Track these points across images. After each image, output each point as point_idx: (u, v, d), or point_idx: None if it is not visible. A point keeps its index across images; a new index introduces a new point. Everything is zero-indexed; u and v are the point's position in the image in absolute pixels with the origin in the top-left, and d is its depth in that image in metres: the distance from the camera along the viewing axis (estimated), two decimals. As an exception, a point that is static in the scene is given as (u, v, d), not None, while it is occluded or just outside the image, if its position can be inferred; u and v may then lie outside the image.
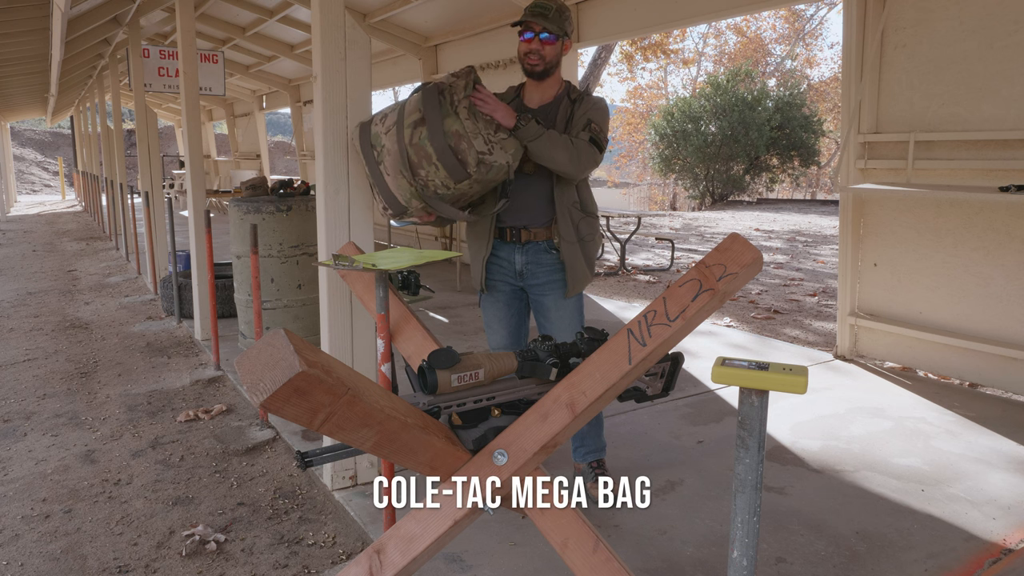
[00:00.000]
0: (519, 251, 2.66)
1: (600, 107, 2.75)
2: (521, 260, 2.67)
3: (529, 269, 2.67)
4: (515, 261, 2.68)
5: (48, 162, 32.54)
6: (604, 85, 48.54)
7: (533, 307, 2.78)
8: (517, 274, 2.69)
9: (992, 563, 2.39)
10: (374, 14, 8.16)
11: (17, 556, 2.60)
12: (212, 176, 18.86)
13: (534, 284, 2.69)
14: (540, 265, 2.66)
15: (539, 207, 2.63)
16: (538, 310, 2.75)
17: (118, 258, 10.08)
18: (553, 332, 2.69)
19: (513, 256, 2.67)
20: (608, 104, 2.77)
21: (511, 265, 2.69)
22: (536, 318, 2.79)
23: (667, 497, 2.85)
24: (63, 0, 4.66)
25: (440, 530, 1.47)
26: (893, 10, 4.20)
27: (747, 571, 1.15)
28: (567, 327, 2.67)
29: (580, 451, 2.94)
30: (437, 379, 1.43)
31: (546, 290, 2.68)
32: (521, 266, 2.67)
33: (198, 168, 5.25)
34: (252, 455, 3.46)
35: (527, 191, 2.61)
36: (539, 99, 2.78)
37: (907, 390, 4.09)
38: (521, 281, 2.71)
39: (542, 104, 2.76)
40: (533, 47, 2.73)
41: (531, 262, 2.66)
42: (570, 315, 2.70)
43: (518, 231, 2.65)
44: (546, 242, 2.64)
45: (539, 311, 2.75)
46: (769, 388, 1.09)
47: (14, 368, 4.88)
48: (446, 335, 5.36)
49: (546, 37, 2.70)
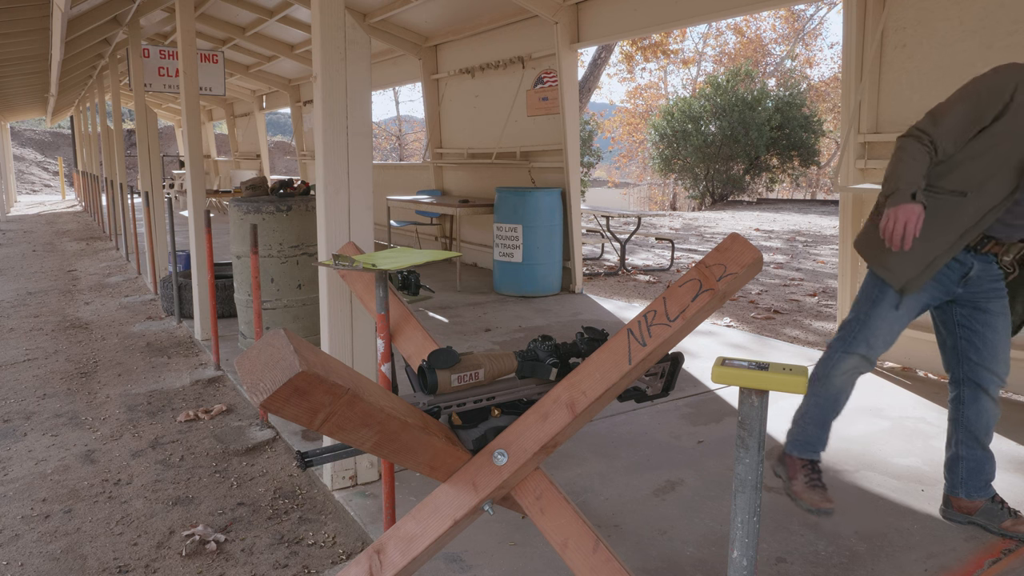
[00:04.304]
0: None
1: None
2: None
3: (979, 275, 2.47)
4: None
5: (48, 162, 32.54)
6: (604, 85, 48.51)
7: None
8: (962, 280, 2.48)
9: (992, 563, 2.39)
10: (374, 14, 8.17)
11: (17, 556, 2.60)
12: (212, 176, 18.87)
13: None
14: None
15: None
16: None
17: (118, 258, 10.08)
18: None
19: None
20: None
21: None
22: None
23: (667, 497, 2.85)
24: (63, 0, 4.66)
25: (440, 530, 1.48)
26: (893, 10, 4.20)
27: (747, 571, 1.15)
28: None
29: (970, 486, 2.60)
30: (437, 379, 1.43)
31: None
32: (975, 273, 2.47)
33: (198, 168, 5.26)
34: (252, 455, 3.46)
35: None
36: None
37: (907, 390, 4.08)
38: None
39: None
40: None
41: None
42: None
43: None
44: None
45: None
46: (769, 388, 1.09)
47: (14, 368, 4.88)
48: (446, 335, 5.36)
49: None
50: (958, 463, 2.60)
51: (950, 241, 2.33)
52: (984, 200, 2.27)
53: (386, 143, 34.43)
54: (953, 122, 2.27)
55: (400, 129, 35.68)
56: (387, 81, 10.73)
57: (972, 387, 2.53)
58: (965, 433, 2.57)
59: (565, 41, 6.70)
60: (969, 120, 2.26)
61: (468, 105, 8.64)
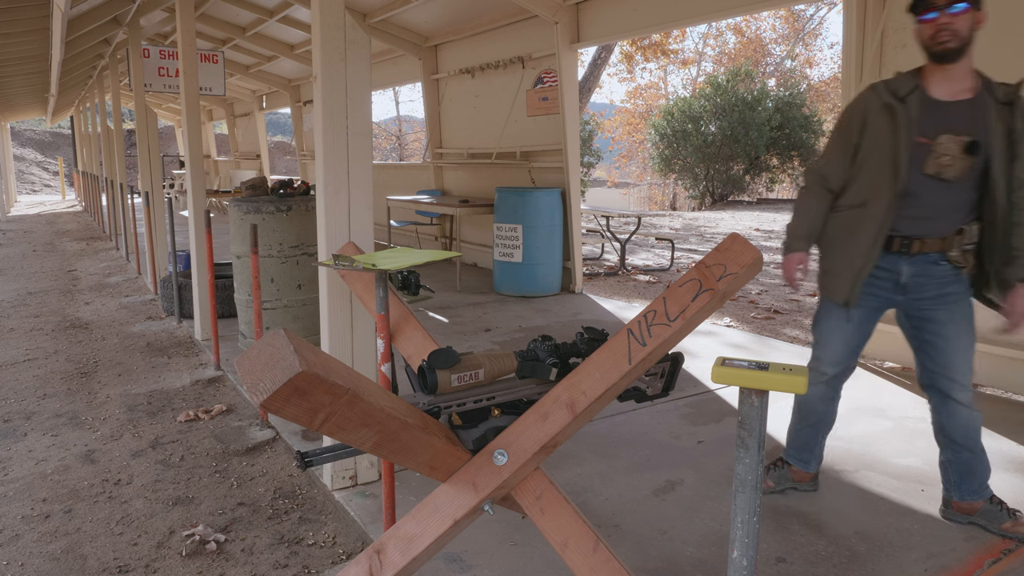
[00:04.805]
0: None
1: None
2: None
3: (916, 282, 2.53)
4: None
5: (48, 162, 32.54)
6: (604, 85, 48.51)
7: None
8: (900, 287, 2.55)
9: (992, 563, 2.39)
10: (374, 14, 8.17)
11: (17, 556, 2.60)
12: (212, 176, 18.86)
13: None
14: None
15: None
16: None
17: (118, 258, 10.08)
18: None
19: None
20: None
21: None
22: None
23: (667, 497, 2.85)
24: (63, 0, 4.66)
25: (440, 530, 1.48)
26: (893, 10, 4.20)
27: (747, 571, 1.15)
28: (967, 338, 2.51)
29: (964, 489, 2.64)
30: (437, 379, 1.43)
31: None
32: (907, 279, 2.53)
33: (198, 168, 5.26)
34: (252, 455, 3.46)
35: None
36: (950, 91, 2.40)
37: (907, 390, 4.08)
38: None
39: (955, 99, 2.39)
40: (942, 22, 2.31)
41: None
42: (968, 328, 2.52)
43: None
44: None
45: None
46: (769, 388, 1.09)
47: (14, 368, 4.88)
48: (446, 335, 5.36)
49: (956, 9, 2.30)
50: (947, 467, 2.64)
51: (864, 250, 2.48)
52: (878, 204, 2.45)
53: (386, 143, 34.43)
54: (833, 153, 2.57)
55: (400, 129, 35.68)
56: (387, 81, 10.74)
57: (936, 393, 2.58)
58: (944, 438, 2.61)
59: (565, 41, 6.70)
60: (844, 146, 2.53)
61: (468, 105, 8.64)
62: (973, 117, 2.37)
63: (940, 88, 2.40)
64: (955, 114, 2.38)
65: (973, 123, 2.36)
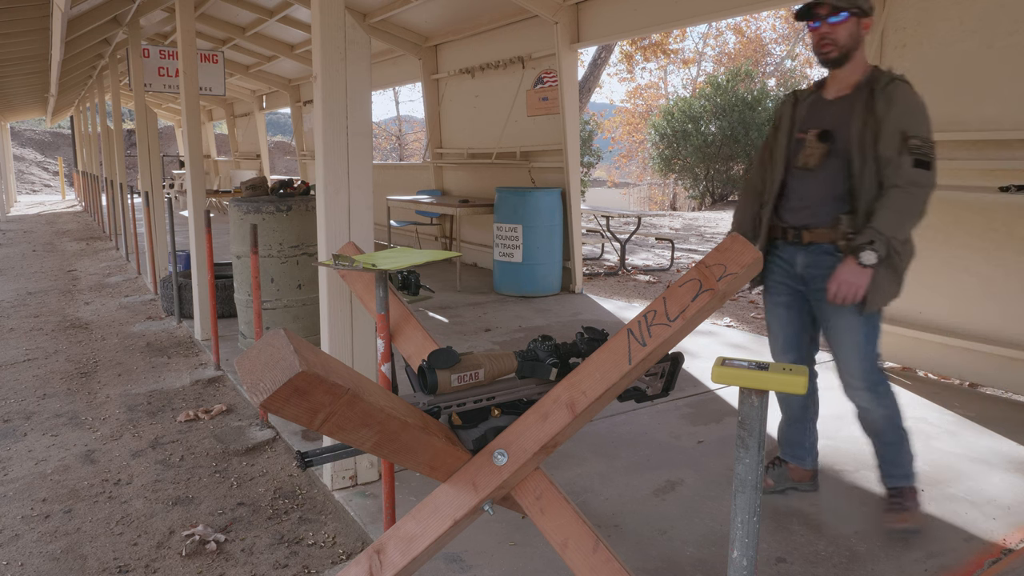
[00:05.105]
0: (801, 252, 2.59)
1: (913, 109, 2.41)
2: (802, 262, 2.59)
3: (810, 272, 2.57)
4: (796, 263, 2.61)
5: (48, 162, 32.54)
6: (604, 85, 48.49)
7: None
8: (798, 277, 2.62)
9: (992, 563, 2.39)
10: (374, 14, 8.17)
11: (17, 556, 2.60)
12: (212, 176, 18.86)
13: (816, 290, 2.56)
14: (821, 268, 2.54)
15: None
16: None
17: (118, 258, 10.08)
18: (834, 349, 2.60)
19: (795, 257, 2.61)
20: (914, 90, 2.43)
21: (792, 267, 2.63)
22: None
23: (667, 497, 2.85)
24: (63, 0, 4.66)
25: (440, 530, 1.48)
26: (893, 10, 4.20)
27: (747, 571, 1.15)
28: (859, 353, 2.53)
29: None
30: (437, 379, 1.43)
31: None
32: (802, 269, 2.59)
33: (198, 168, 5.26)
34: (252, 455, 3.46)
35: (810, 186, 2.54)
36: (835, 90, 2.54)
37: (907, 390, 4.08)
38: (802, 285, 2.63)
39: (838, 96, 2.53)
40: (823, 32, 2.44)
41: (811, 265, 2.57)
42: (864, 339, 2.52)
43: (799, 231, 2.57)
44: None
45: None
46: (769, 388, 1.09)
47: (14, 368, 4.88)
48: (446, 335, 5.36)
49: (836, 19, 2.42)
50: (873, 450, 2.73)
51: (762, 240, 2.69)
52: (768, 196, 2.67)
53: (386, 143, 34.42)
54: (757, 156, 2.81)
55: (400, 129, 35.67)
56: (387, 81, 10.73)
57: (841, 383, 2.65)
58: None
59: (565, 41, 6.70)
60: (763, 149, 2.76)
61: (468, 105, 8.64)
62: (842, 110, 2.50)
63: (830, 89, 2.57)
64: (829, 110, 2.53)
65: (839, 115, 2.49)
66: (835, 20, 2.42)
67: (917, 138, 2.35)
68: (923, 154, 2.34)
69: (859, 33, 2.46)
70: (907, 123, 2.37)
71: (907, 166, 2.34)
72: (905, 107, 2.39)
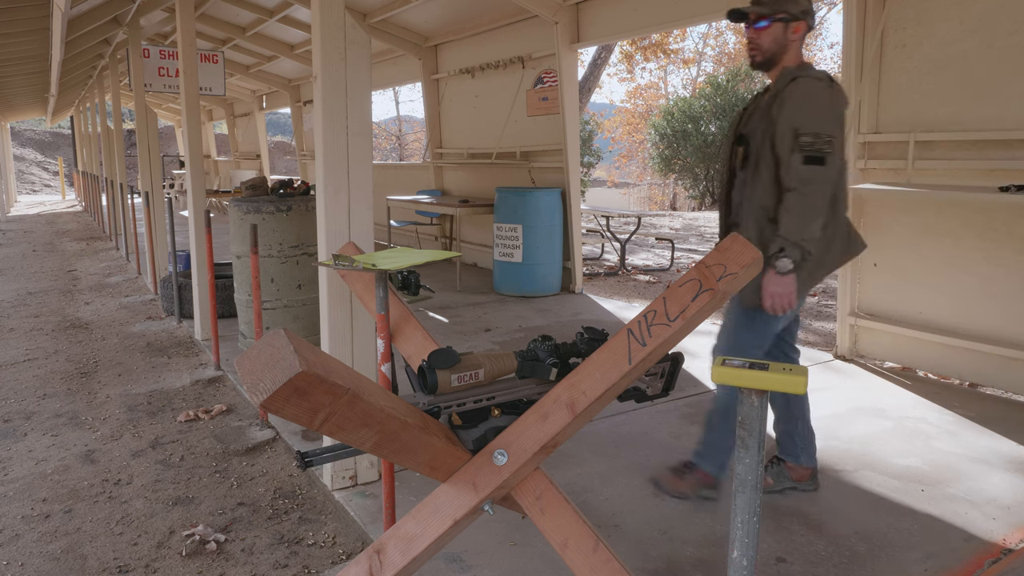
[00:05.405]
0: None
1: (805, 103, 2.40)
2: None
3: None
4: None
5: (48, 162, 32.54)
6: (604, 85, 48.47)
7: None
8: None
9: (992, 563, 2.39)
10: (374, 14, 8.17)
11: (17, 556, 2.60)
12: (212, 176, 18.86)
13: None
14: None
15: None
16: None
17: (118, 258, 10.08)
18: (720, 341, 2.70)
19: None
20: (815, 85, 2.41)
21: None
22: None
23: (667, 497, 2.85)
24: (63, 0, 4.66)
25: (440, 530, 1.48)
26: (893, 10, 4.20)
27: (747, 571, 1.15)
28: (726, 338, 2.66)
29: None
30: (437, 379, 1.43)
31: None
32: None
33: (198, 168, 5.26)
34: (252, 455, 3.46)
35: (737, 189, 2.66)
36: (768, 93, 2.59)
37: (907, 390, 4.08)
38: None
39: (765, 98, 2.58)
40: (750, 37, 2.51)
41: None
42: (732, 327, 2.64)
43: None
44: None
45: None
46: (769, 388, 1.09)
47: (14, 368, 4.88)
48: (446, 335, 5.36)
49: (760, 25, 2.47)
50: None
51: (720, 237, 2.76)
52: (720, 196, 2.75)
53: (386, 143, 34.42)
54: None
55: (400, 129, 35.67)
56: (387, 81, 10.73)
57: None
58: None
59: (565, 41, 6.70)
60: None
61: (468, 105, 8.64)
62: (761, 113, 2.55)
63: (767, 92, 2.62)
64: (756, 113, 2.59)
65: (757, 119, 2.55)
66: (759, 26, 2.47)
67: (807, 134, 2.36)
68: (815, 150, 2.35)
69: (785, 38, 2.48)
70: (798, 120, 2.39)
71: (796, 164, 2.37)
72: (796, 104, 2.41)
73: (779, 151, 2.41)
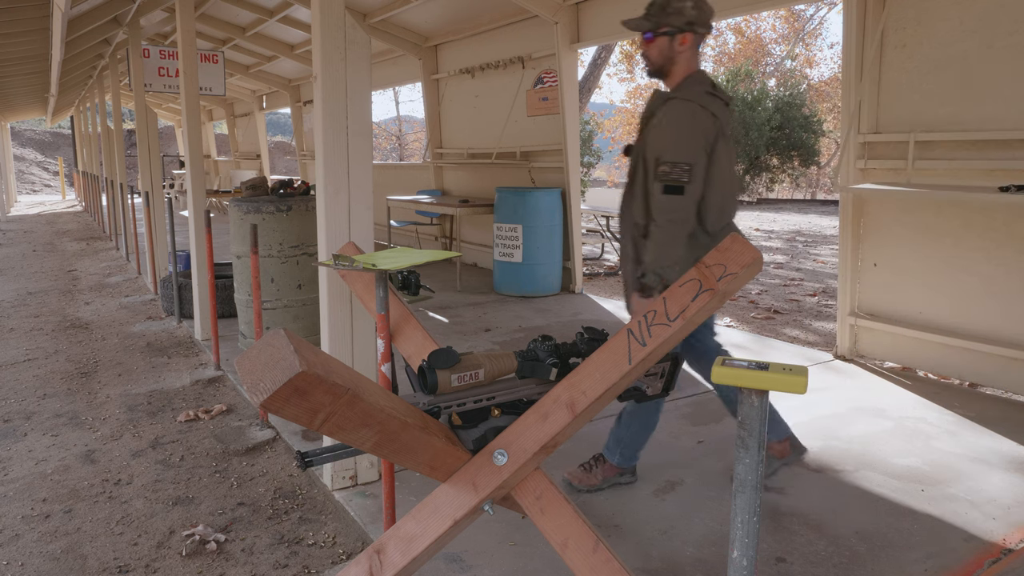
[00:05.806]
0: None
1: (666, 131, 2.46)
2: None
3: None
4: None
5: (48, 162, 32.54)
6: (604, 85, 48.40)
7: None
8: None
9: (992, 563, 2.39)
10: (374, 14, 8.17)
11: (17, 556, 2.60)
12: (212, 176, 18.86)
13: None
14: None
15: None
16: None
17: (118, 258, 10.08)
18: None
19: None
20: (683, 110, 2.46)
21: None
22: None
23: (667, 497, 2.85)
24: (63, 0, 4.66)
25: (440, 530, 1.48)
26: (893, 10, 4.20)
27: (747, 571, 1.15)
28: None
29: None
30: (437, 379, 1.43)
31: None
32: None
33: (198, 168, 5.26)
34: (252, 455, 3.46)
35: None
36: None
37: (907, 390, 4.08)
38: None
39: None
40: (642, 48, 2.58)
41: None
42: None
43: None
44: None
45: None
46: (769, 388, 1.09)
47: (14, 368, 4.88)
48: (446, 335, 5.36)
49: (648, 37, 2.55)
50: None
51: None
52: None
53: (386, 143, 34.41)
54: None
55: (400, 129, 35.66)
56: (387, 81, 10.73)
57: None
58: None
59: (565, 41, 6.70)
60: None
61: (468, 105, 8.64)
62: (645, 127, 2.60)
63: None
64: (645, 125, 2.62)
65: (642, 132, 2.60)
66: (647, 38, 2.55)
67: (666, 163, 2.41)
68: (671, 179, 2.40)
69: (672, 50, 2.52)
70: (659, 147, 2.45)
71: (657, 194, 2.44)
72: (660, 131, 2.47)
73: (648, 173, 2.50)
